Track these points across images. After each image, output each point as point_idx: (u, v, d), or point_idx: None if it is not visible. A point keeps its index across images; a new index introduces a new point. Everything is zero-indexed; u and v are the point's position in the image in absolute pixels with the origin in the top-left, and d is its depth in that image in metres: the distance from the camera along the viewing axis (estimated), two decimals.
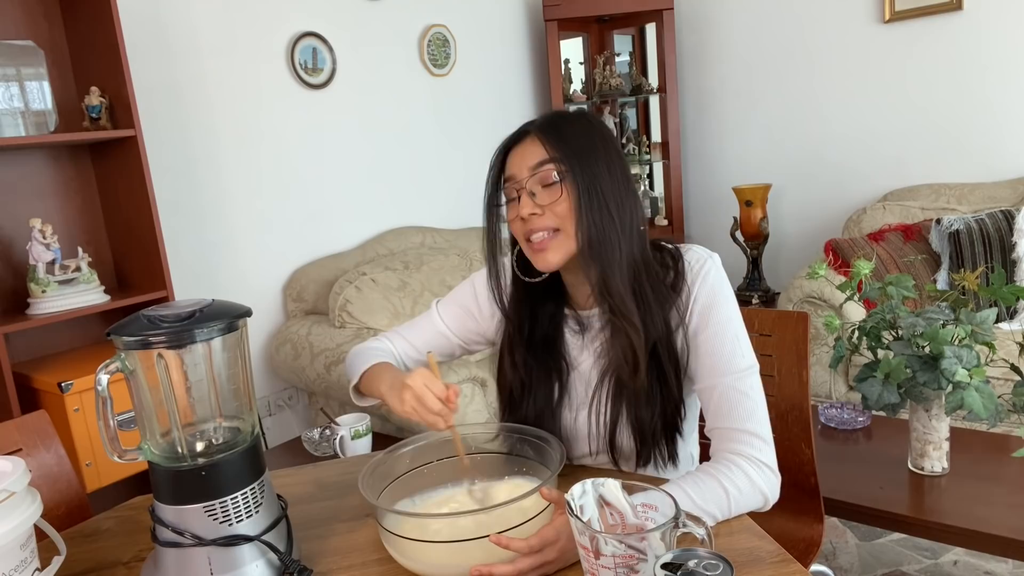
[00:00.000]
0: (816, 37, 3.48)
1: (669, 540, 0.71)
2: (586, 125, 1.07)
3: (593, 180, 1.03)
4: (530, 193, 1.04)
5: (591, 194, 1.02)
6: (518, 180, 1.05)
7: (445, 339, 1.25)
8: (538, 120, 1.08)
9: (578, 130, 1.06)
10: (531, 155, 1.04)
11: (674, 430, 1.10)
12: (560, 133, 1.05)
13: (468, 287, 1.25)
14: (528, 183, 1.04)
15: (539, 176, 1.04)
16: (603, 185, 1.03)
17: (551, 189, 1.03)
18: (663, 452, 1.10)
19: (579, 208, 1.02)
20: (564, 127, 1.06)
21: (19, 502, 0.79)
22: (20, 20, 2.10)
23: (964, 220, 2.76)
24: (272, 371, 2.79)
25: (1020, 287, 1.45)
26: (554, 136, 1.04)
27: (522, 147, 1.06)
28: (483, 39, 3.61)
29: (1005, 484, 1.54)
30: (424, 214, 3.34)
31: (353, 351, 1.26)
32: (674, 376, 1.08)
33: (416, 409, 0.99)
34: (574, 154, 1.03)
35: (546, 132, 1.05)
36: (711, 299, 1.06)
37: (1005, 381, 2.13)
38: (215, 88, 2.61)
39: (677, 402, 1.09)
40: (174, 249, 2.36)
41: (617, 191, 1.04)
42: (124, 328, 0.86)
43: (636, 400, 1.07)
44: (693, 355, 1.07)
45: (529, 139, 1.06)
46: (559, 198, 1.03)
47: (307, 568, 0.90)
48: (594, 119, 1.11)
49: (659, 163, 4.02)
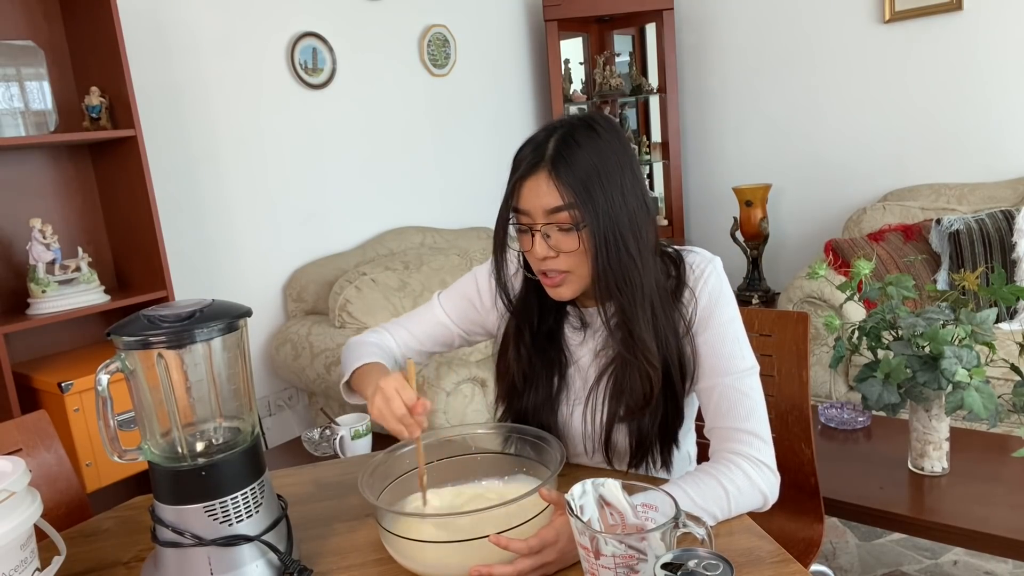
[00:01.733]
0: (816, 37, 3.48)
1: (669, 540, 0.71)
2: (598, 147, 0.99)
3: (611, 222, 0.97)
4: (544, 235, 1.00)
5: (608, 240, 0.97)
6: (533, 220, 1.00)
7: (446, 329, 1.25)
8: (551, 149, 0.99)
9: (592, 158, 0.98)
10: (545, 196, 0.98)
11: (670, 436, 1.10)
12: (573, 169, 0.97)
13: (470, 278, 1.25)
14: (543, 226, 0.99)
15: (554, 221, 0.98)
16: (621, 222, 0.98)
17: (567, 235, 0.99)
18: (656, 455, 1.10)
19: (596, 257, 0.98)
20: (577, 158, 0.97)
21: (19, 502, 0.79)
22: (20, 20, 2.10)
23: (964, 220, 2.76)
24: (272, 371, 2.79)
25: (1020, 287, 1.45)
26: (567, 175, 0.96)
27: (535, 182, 0.99)
28: (483, 39, 3.61)
29: (1005, 484, 1.54)
30: (424, 214, 3.34)
31: (349, 343, 1.25)
32: (681, 388, 1.07)
33: (382, 412, 0.96)
34: (590, 196, 0.96)
35: (559, 170, 0.97)
36: (712, 301, 1.06)
37: (1005, 381, 2.13)
38: (215, 88, 2.61)
39: (679, 409, 1.09)
40: (174, 249, 2.36)
41: (635, 217, 0.99)
42: (124, 328, 0.86)
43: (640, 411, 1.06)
44: (694, 355, 1.07)
45: (542, 176, 0.98)
46: (575, 247, 0.99)
47: (307, 568, 0.90)
48: (604, 131, 1.01)
49: (659, 163, 4.02)
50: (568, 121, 1.02)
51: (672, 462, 1.12)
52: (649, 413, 1.06)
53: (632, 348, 1.03)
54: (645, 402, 1.04)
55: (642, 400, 1.04)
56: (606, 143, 1.00)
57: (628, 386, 1.05)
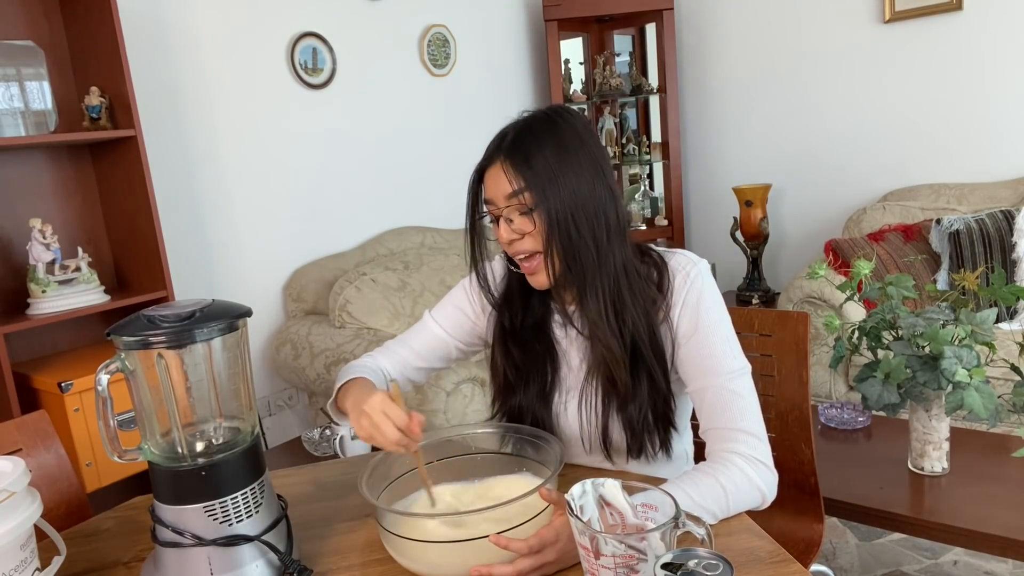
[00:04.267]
0: (816, 37, 3.48)
1: (669, 540, 0.71)
2: (555, 134, 1.03)
3: (562, 205, 1.01)
4: (507, 220, 1.05)
5: (561, 223, 1.01)
6: (497, 206, 1.06)
7: (442, 342, 1.25)
8: (507, 138, 1.05)
9: (546, 145, 1.02)
10: (503, 183, 1.03)
11: (667, 422, 1.11)
12: (527, 156, 1.02)
13: (458, 289, 1.26)
14: (504, 211, 1.05)
15: (513, 205, 1.04)
16: (575, 206, 1.01)
17: (525, 218, 1.04)
18: (654, 443, 1.10)
19: (548, 240, 1.02)
20: (531, 145, 1.02)
21: (19, 502, 0.79)
22: (20, 20, 2.10)
23: (964, 220, 2.76)
24: (272, 371, 2.79)
25: (1020, 287, 1.45)
26: (521, 162, 1.02)
27: (494, 171, 1.05)
28: (483, 39, 3.61)
29: (1005, 484, 1.54)
30: (424, 214, 3.34)
31: (341, 371, 1.23)
32: (659, 370, 1.08)
33: (373, 437, 0.95)
34: (541, 181, 1.01)
35: (513, 157, 1.02)
36: (699, 303, 1.07)
37: (1005, 381, 2.13)
38: (215, 88, 2.61)
39: (665, 394, 1.09)
40: (174, 249, 2.36)
41: (592, 204, 1.03)
42: (124, 328, 0.86)
43: (622, 396, 1.08)
44: (684, 359, 1.08)
45: (497, 164, 1.04)
46: (533, 229, 1.03)
47: (307, 568, 0.90)
48: (562, 121, 1.05)
49: (659, 163, 4.02)
50: (531, 114, 1.07)
51: (671, 444, 1.12)
52: (633, 398, 1.07)
53: (589, 327, 1.06)
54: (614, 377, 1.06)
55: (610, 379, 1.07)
56: (563, 131, 1.04)
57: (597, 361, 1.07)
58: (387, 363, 1.24)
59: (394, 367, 1.24)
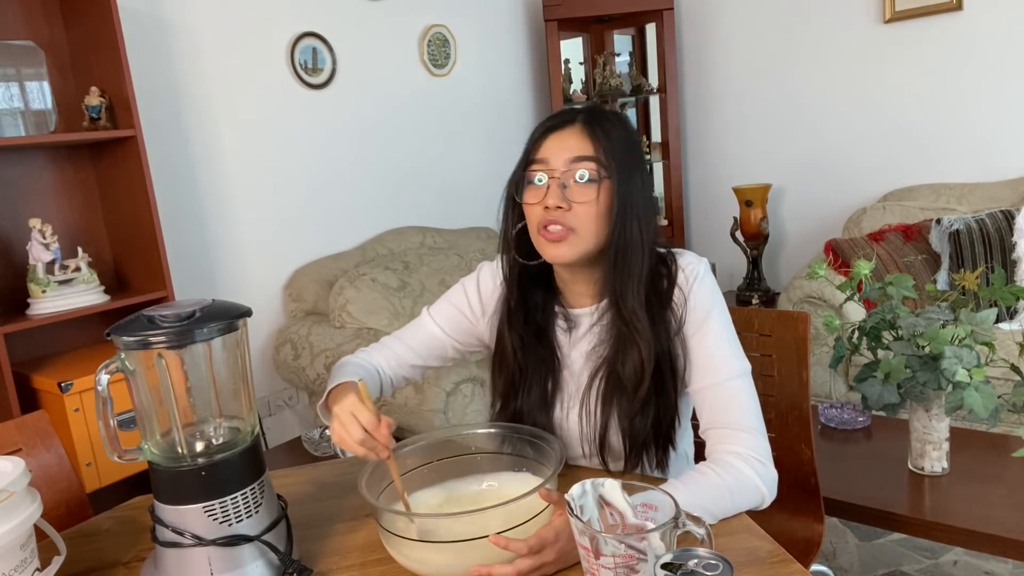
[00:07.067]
0: (816, 37, 3.48)
1: (669, 540, 0.71)
2: (627, 129, 1.05)
3: (630, 188, 1.01)
4: (561, 185, 1.01)
5: (626, 203, 1.00)
6: (552, 167, 1.01)
7: (439, 340, 1.24)
8: (584, 111, 1.03)
9: (621, 133, 1.03)
10: (574, 146, 1.00)
11: (667, 440, 1.10)
12: (606, 131, 1.01)
13: (459, 289, 1.24)
14: (562, 174, 1.01)
15: (577, 170, 1.00)
16: (636, 195, 1.01)
17: (586, 187, 1.00)
18: (652, 459, 1.09)
19: (612, 215, 1.00)
20: (608, 126, 1.02)
21: (19, 502, 0.79)
22: (20, 20, 2.10)
23: (964, 220, 2.76)
24: (272, 371, 2.79)
25: (1020, 287, 1.45)
26: (601, 133, 1.00)
27: (564, 134, 1.02)
28: (483, 39, 3.60)
29: (1005, 484, 1.54)
30: (424, 214, 3.33)
31: (335, 366, 1.22)
32: (672, 387, 1.07)
33: (343, 439, 0.94)
34: (617, 157, 1.00)
35: (593, 125, 1.01)
36: (705, 304, 1.06)
37: (1005, 381, 2.13)
38: (215, 88, 2.61)
39: (672, 413, 1.09)
40: (174, 249, 2.36)
41: (646, 204, 1.03)
42: (124, 328, 0.86)
43: (631, 407, 1.06)
44: (687, 359, 1.07)
45: (575, 128, 1.02)
46: (592, 199, 1.00)
47: (307, 568, 0.90)
48: (630, 124, 1.08)
49: (659, 163, 4.01)
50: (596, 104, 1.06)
51: (668, 463, 1.12)
52: (640, 411, 1.06)
53: (626, 321, 1.03)
54: (638, 381, 1.04)
55: (633, 386, 1.04)
56: (633, 134, 1.06)
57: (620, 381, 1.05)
58: (382, 360, 1.23)
59: (389, 364, 1.23)
